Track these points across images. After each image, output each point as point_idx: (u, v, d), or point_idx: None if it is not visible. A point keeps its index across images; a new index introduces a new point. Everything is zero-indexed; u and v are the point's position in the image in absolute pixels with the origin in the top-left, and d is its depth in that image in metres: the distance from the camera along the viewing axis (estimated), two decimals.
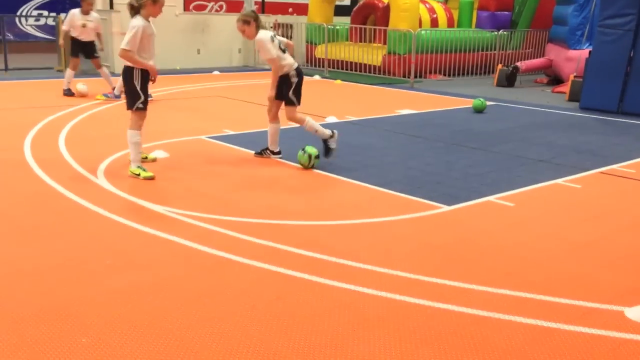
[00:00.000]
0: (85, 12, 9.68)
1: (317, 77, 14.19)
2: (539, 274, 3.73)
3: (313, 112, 9.19)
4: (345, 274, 3.63)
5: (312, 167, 5.96)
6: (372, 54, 14.41)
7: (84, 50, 9.90)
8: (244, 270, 3.67)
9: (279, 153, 6.36)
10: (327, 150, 6.14)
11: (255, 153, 6.44)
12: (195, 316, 3.09)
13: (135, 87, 5.41)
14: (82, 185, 5.25)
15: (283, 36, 16.39)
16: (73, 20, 9.68)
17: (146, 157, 5.96)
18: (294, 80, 6.05)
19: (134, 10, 5.40)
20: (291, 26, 16.43)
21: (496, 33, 15.11)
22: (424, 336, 2.96)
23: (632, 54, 9.85)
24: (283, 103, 6.17)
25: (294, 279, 3.56)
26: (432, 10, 15.71)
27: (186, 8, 15.28)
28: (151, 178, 5.42)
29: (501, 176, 5.96)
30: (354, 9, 16.55)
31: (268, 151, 6.36)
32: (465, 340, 2.94)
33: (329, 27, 15.19)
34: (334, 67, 14.86)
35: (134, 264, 3.72)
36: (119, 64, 13.47)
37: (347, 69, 14.72)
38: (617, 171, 6.29)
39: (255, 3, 16.93)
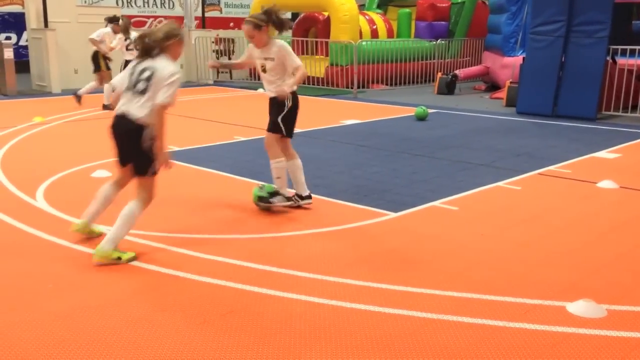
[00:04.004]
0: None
1: (261, 90, 14.18)
2: (483, 274, 3.83)
3: (258, 125, 9.18)
4: (296, 285, 3.64)
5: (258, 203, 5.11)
6: (315, 66, 14.53)
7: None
8: (193, 286, 3.62)
9: (308, 197, 5.22)
10: (263, 200, 5.06)
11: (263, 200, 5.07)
12: (145, 335, 3.03)
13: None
14: (20, 208, 5.07)
15: (226, 51, 16.46)
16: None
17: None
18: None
19: (150, 50, 3.86)
20: (233, 41, 16.39)
21: (434, 42, 15.49)
22: (376, 342, 2.99)
23: (563, 59, 10.27)
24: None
25: (245, 292, 3.54)
26: (371, 22, 15.97)
27: None
28: (134, 259, 4.00)
29: (445, 181, 6.09)
30: (295, 22, 16.66)
31: (296, 196, 5.19)
32: (416, 343, 2.98)
33: None
34: None
35: (77, 286, 3.61)
36: (55, 85, 13.27)
37: None
38: (553, 172, 6.53)
39: (196, 18, 16.82)
